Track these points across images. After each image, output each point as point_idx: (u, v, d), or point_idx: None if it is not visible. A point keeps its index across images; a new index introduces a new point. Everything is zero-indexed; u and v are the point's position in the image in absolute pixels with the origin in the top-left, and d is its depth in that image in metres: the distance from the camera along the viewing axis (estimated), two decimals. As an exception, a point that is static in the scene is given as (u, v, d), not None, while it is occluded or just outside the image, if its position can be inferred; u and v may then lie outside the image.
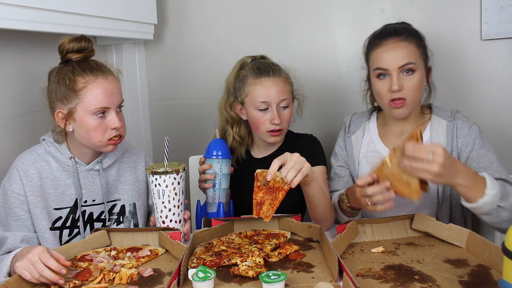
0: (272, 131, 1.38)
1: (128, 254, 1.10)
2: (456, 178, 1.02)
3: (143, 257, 1.08)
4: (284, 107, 1.38)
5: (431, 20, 1.78)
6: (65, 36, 1.21)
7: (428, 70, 1.30)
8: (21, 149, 1.29)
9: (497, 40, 1.72)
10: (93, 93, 1.18)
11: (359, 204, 1.16)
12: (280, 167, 1.10)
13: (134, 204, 1.36)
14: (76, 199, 1.26)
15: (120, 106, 1.25)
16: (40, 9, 1.36)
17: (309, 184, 1.16)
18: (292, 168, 1.08)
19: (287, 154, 1.12)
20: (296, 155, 1.11)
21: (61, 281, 0.96)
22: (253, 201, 1.08)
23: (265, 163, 1.43)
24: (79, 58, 1.21)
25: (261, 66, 1.39)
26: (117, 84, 1.24)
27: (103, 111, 1.20)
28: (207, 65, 1.42)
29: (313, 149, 1.47)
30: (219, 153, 1.36)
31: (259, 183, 1.09)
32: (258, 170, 1.11)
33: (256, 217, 1.09)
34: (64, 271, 0.97)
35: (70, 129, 1.21)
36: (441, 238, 1.07)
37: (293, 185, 1.07)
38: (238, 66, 1.46)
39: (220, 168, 1.35)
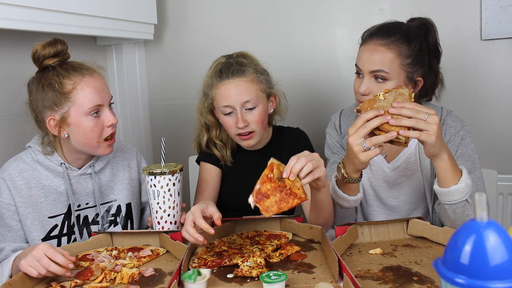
0: (240, 134, 1.32)
1: (129, 254, 1.10)
2: (443, 151, 1.01)
3: (144, 257, 1.08)
4: (250, 108, 1.30)
5: (431, 20, 1.78)
6: (37, 43, 1.15)
7: (415, 83, 1.21)
8: (15, 150, 1.26)
9: (497, 40, 1.73)
10: (84, 92, 1.14)
11: (353, 162, 1.06)
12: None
13: (130, 204, 1.34)
14: (69, 205, 1.23)
15: (110, 103, 1.21)
16: (39, 9, 1.36)
17: (320, 189, 1.09)
18: (306, 166, 0.98)
19: (305, 151, 1.03)
20: (316, 155, 1.02)
21: (68, 274, 0.98)
22: (256, 185, 0.95)
23: (260, 155, 1.40)
24: (56, 62, 1.16)
25: (223, 68, 1.31)
26: (104, 80, 1.21)
27: (97, 110, 1.16)
28: (207, 65, 1.43)
29: (301, 145, 1.42)
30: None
31: (272, 175, 0.95)
32: (275, 161, 0.99)
33: (254, 203, 0.94)
34: (71, 265, 0.98)
35: (65, 135, 1.16)
36: (438, 242, 1.07)
37: (304, 182, 0.98)
38: (213, 67, 1.37)
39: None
